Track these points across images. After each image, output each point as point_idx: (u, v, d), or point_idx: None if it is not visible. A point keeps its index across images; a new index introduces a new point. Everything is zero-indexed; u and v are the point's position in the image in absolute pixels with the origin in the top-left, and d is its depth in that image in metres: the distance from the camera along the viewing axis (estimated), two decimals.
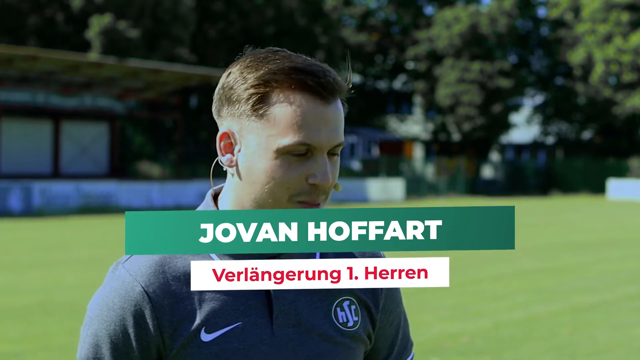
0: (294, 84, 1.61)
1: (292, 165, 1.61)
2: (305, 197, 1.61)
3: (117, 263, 1.71)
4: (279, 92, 1.62)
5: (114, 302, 1.66)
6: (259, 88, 1.62)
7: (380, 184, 43.47)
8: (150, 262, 1.67)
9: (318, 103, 1.62)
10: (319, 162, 1.61)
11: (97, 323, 1.68)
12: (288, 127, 1.60)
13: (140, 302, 1.65)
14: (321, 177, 1.60)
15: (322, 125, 1.62)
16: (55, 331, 9.02)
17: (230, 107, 1.66)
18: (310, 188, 1.61)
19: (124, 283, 1.66)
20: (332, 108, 1.64)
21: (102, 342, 1.67)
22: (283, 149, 1.60)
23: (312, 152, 1.62)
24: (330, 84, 1.62)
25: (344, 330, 1.70)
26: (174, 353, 1.65)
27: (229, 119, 1.67)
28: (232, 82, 1.66)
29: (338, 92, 1.64)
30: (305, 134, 1.60)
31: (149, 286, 1.65)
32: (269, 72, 1.62)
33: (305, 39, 46.96)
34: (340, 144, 1.65)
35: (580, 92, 54.35)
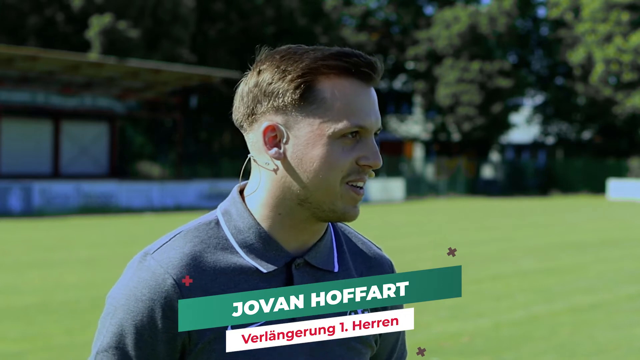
0: (342, 68, 1.66)
1: (346, 149, 1.66)
2: (355, 177, 1.68)
3: (145, 253, 1.70)
4: (326, 78, 1.66)
5: (142, 293, 1.66)
6: (305, 77, 1.65)
7: (381, 184, 43.47)
8: (182, 255, 1.68)
9: (364, 86, 1.68)
10: (370, 144, 1.69)
11: (122, 313, 1.67)
12: (340, 111, 1.65)
13: (171, 294, 1.65)
14: (373, 158, 1.68)
15: (370, 106, 1.69)
16: (55, 331, 9.02)
17: (273, 100, 1.67)
18: (360, 169, 1.68)
19: (155, 274, 1.66)
20: (373, 91, 1.71)
21: (127, 332, 1.66)
22: (338, 132, 1.65)
23: (361, 135, 1.68)
24: (375, 65, 1.69)
25: (357, 336, 1.72)
26: (199, 348, 1.66)
27: (270, 113, 1.68)
28: (268, 78, 1.67)
29: (379, 75, 1.70)
30: (358, 117, 1.66)
31: (181, 279, 1.66)
32: (314, 60, 1.66)
33: (305, 39, 46.94)
34: (380, 127, 1.72)
35: (580, 92, 54.35)
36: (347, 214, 1.69)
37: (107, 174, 36.88)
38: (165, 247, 1.70)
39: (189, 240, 1.70)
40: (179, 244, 1.70)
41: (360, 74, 1.66)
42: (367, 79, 1.67)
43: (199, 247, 1.70)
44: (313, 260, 1.73)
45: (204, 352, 1.66)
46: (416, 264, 14.61)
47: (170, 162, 43.00)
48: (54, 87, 34.48)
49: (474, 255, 16.53)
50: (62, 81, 34.11)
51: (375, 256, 1.85)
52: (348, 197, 1.68)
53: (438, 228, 24.61)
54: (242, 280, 1.68)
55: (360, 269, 1.81)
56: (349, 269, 1.79)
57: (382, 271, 1.84)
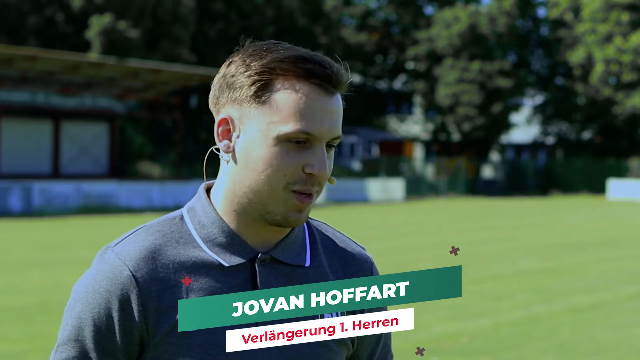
0: (299, 73, 1.62)
1: (291, 154, 1.62)
2: (301, 187, 1.64)
3: (107, 247, 1.70)
4: (283, 79, 1.63)
5: (100, 285, 1.66)
6: (263, 75, 1.63)
7: (381, 184, 43.47)
8: (140, 248, 1.67)
9: (322, 93, 1.64)
10: (317, 152, 1.63)
11: (81, 305, 1.67)
12: (290, 114, 1.62)
13: (127, 286, 1.64)
14: (318, 166, 1.63)
15: (324, 115, 1.63)
16: (55, 331, 9.01)
17: (232, 93, 1.66)
18: (306, 177, 1.63)
19: (112, 267, 1.66)
20: (334, 100, 1.65)
21: (85, 324, 1.66)
22: (283, 136, 1.61)
23: (311, 142, 1.63)
24: (335, 75, 1.64)
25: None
26: (157, 340, 1.65)
27: (228, 105, 1.67)
28: (233, 70, 1.66)
29: (342, 85, 1.66)
30: (307, 123, 1.62)
31: (138, 271, 1.65)
32: (274, 60, 1.63)
33: (305, 39, 46.97)
34: (338, 136, 1.67)
35: (580, 92, 54.35)
36: (289, 219, 1.66)
37: (107, 174, 36.88)
38: (126, 241, 1.69)
39: (151, 234, 1.70)
40: (140, 238, 1.69)
41: (318, 80, 1.63)
42: (324, 87, 1.63)
43: (160, 240, 1.69)
44: (280, 256, 1.71)
45: (162, 345, 1.65)
46: (416, 264, 14.61)
47: (170, 162, 43.01)
48: (54, 87, 34.48)
49: (474, 255, 16.52)
50: (62, 81, 34.11)
51: (353, 254, 1.82)
52: (291, 203, 1.64)
53: (438, 228, 24.61)
54: (203, 273, 1.67)
55: (335, 267, 1.79)
56: (322, 264, 1.76)
57: (359, 269, 1.81)
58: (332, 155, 1.68)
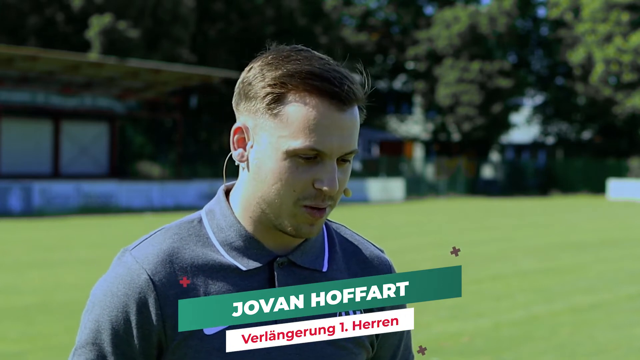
0: (309, 89, 1.60)
1: (300, 169, 1.61)
2: (311, 202, 1.63)
3: (125, 250, 1.70)
4: (295, 93, 1.61)
5: (117, 289, 1.66)
6: (275, 88, 1.61)
7: (381, 184, 43.48)
8: (158, 251, 1.67)
9: (333, 109, 1.61)
10: (327, 168, 1.62)
11: (99, 309, 1.67)
12: (300, 130, 1.60)
13: (145, 290, 1.64)
14: (328, 183, 1.61)
15: (334, 131, 1.61)
16: (55, 331, 9.02)
17: (247, 102, 1.66)
18: (317, 192, 1.62)
19: (130, 270, 1.66)
20: (346, 115, 1.63)
21: (103, 327, 1.66)
22: (292, 151, 1.60)
23: (321, 158, 1.62)
24: (346, 92, 1.61)
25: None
26: (175, 344, 1.65)
27: (245, 114, 1.67)
28: (251, 78, 1.65)
29: (354, 101, 1.63)
30: (316, 140, 1.60)
31: (155, 275, 1.65)
32: (286, 74, 1.61)
33: (305, 39, 46.94)
34: (352, 151, 1.65)
35: (580, 92, 54.34)
36: (301, 232, 1.65)
37: (107, 174, 36.88)
38: (144, 244, 1.70)
39: (169, 237, 1.70)
40: (158, 240, 1.69)
41: (328, 97, 1.60)
42: (335, 103, 1.61)
43: (178, 243, 1.69)
44: (298, 260, 1.71)
45: (181, 348, 1.65)
46: (416, 264, 14.61)
47: (170, 162, 43.01)
48: (54, 87, 34.48)
49: (474, 255, 16.52)
50: (62, 81, 34.11)
51: (372, 257, 1.82)
52: (302, 217, 1.64)
53: (438, 228, 24.61)
54: (220, 277, 1.67)
55: (354, 270, 1.79)
56: (340, 269, 1.77)
57: (377, 272, 1.81)
58: (347, 168, 1.67)
